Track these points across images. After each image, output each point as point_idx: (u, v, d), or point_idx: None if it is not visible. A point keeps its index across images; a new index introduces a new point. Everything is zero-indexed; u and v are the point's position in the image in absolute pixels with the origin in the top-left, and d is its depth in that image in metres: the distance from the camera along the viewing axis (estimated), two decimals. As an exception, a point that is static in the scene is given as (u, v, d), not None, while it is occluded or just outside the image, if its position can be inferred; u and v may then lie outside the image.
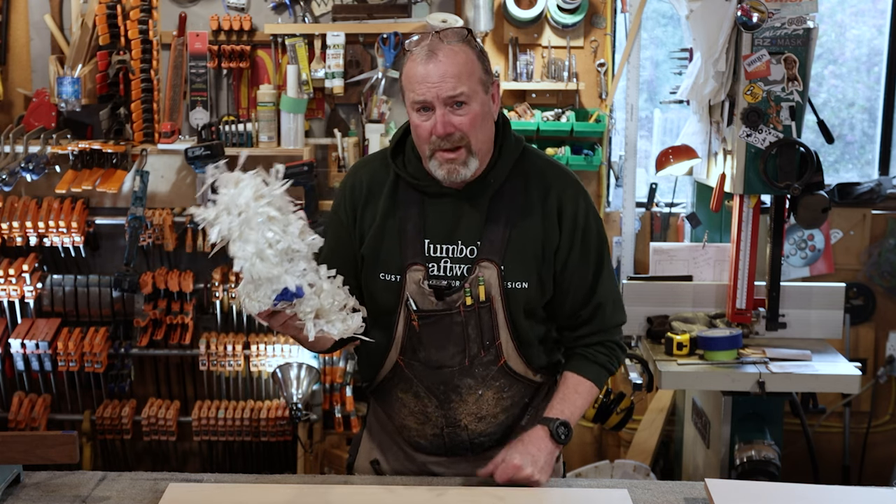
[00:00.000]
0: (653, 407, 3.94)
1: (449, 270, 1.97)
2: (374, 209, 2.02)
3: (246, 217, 1.65)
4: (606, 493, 1.92)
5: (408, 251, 1.97)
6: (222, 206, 1.67)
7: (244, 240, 1.66)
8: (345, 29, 3.72)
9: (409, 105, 1.91)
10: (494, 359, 1.99)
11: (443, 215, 1.98)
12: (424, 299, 1.96)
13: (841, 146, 4.17)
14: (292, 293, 1.69)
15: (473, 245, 1.96)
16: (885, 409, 4.01)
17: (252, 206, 1.65)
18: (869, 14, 4.11)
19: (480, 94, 1.91)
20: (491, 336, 1.97)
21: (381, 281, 1.99)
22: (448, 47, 1.88)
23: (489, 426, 2.05)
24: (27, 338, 3.71)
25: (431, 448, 2.08)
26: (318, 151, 3.86)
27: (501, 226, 1.96)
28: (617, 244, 3.87)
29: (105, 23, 3.64)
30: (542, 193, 2.00)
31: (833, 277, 3.64)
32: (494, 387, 2.01)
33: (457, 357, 1.98)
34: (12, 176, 3.57)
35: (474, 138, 1.90)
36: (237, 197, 1.66)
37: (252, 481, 1.97)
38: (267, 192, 1.68)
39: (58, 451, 1.85)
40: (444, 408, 2.02)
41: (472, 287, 1.95)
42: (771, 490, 1.97)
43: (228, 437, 3.80)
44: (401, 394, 2.05)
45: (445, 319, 1.96)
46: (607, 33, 3.82)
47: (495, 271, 1.95)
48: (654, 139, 4.06)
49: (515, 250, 1.96)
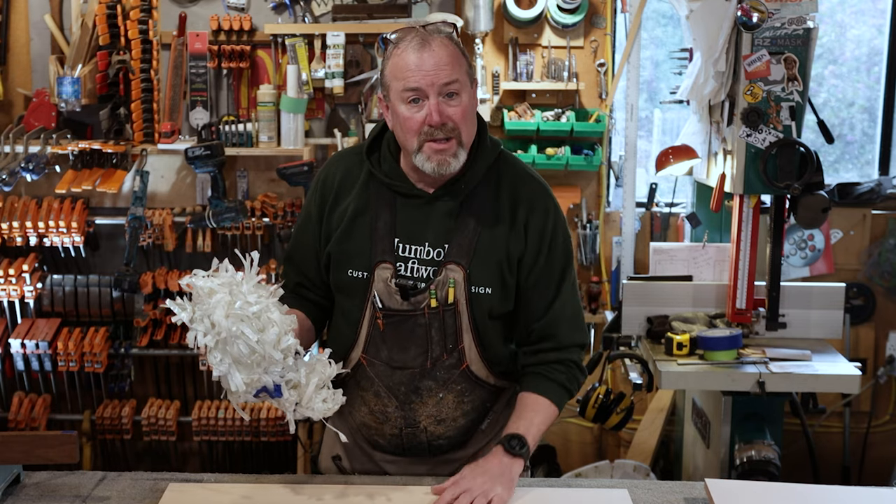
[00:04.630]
0: (653, 407, 3.94)
1: (416, 271, 1.96)
2: (344, 205, 2.01)
3: (218, 332, 1.65)
4: (606, 493, 1.92)
5: (377, 249, 1.96)
6: (197, 315, 1.67)
7: (221, 352, 1.66)
8: (345, 29, 3.72)
9: (397, 96, 1.88)
10: (457, 362, 1.98)
11: (413, 216, 1.97)
12: (391, 298, 1.95)
13: (841, 146, 4.17)
14: (271, 392, 1.72)
15: (441, 247, 1.95)
16: (885, 409, 4.01)
17: (224, 325, 1.64)
18: (869, 14, 4.11)
19: (469, 88, 1.91)
20: (454, 339, 1.97)
21: (349, 277, 1.98)
22: (438, 39, 1.87)
23: (448, 429, 2.04)
24: (27, 338, 3.71)
25: (389, 447, 2.08)
26: (318, 151, 3.86)
27: (470, 229, 1.95)
28: (617, 244, 3.88)
29: (105, 23, 3.64)
30: (511, 202, 1.98)
31: (833, 277, 3.64)
32: (455, 390, 2.00)
33: (419, 359, 1.97)
34: (12, 176, 3.57)
35: (465, 131, 1.90)
36: (210, 311, 1.66)
37: (252, 481, 1.96)
38: (238, 307, 1.67)
39: (58, 451, 1.85)
40: (404, 408, 2.01)
41: (437, 289, 1.94)
42: (771, 490, 1.97)
43: (228, 437, 3.81)
44: (361, 392, 2.04)
45: (410, 320, 1.96)
46: (607, 33, 3.83)
47: (461, 274, 1.94)
48: (653, 139, 4.06)
49: (482, 255, 1.95)
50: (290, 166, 3.61)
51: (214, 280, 1.71)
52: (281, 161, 3.70)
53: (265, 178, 3.90)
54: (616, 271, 3.87)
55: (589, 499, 1.91)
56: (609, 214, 3.93)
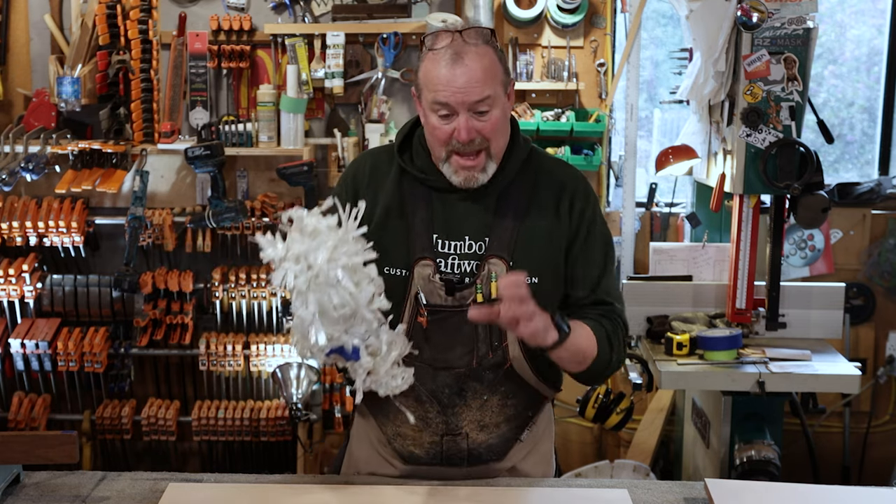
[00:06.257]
0: (653, 407, 3.94)
1: (457, 267, 1.93)
2: (377, 201, 1.96)
3: (315, 275, 1.56)
4: (606, 493, 1.92)
5: (416, 246, 1.92)
6: (292, 253, 1.58)
7: (308, 297, 1.57)
8: (345, 29, 3.72)
9: (428, 105, 1.86)
10: (501, 361, 1.94)
11: (451, 211, 1.94)
12: (434, 294, 1.91)
13: (841, 146, 4.17)
14: (348, 354, 1.64)
15: (482, 241, 1.93)
16: (884, 409, 4.01)
17: (325, 268, 1.56)
18: (869, 14, 4.11)
19: (501, 98, 1.88)
20: (499, 336, 1.92)
21: (386, 275, 1.90)
22: (474, 50, 1.83)
23: (490, 436, 1.99)
24: (27, 338, 3.71)
25: (426, 458, 2.01)
26: (317, 151, 3.86)
27: (510, 222, 1.93)
28: (617, 244, 3.87)
29: (105, 23, 3.64)
30: (554, 190, 1.98)
31: (833, 277, 3.64)
32: (500, 392, 1.96)
33: (465, 358, 1.92)
34: (12, 176, 3.57)
35: (495, 143, 1.88)
36: (311, 252, 1.57)
37: (252, 481, 1.96)
38: (344, 252, 1.58)
39: (58, 451, 1.85)
40: (447, 413, 1.96)
41: (483, 284, 1.90)
42: (771, 490, 1.97)
43: (228, 437, 3.80)
44: (400, 397, 1.94)
45: (455, 317, 1.90)
46: (607, 33, 3.82)
47: (504, 268, 1.90)
48: (653, 139, 4.06)
49: (524, 246, 1.92)
50: (289, 166, 3.61)
51: (323, 220, 1.61)
52: (281, 161, 3.70)
53: (265, 178, 3.90)
54: (616, 271, 3.87)
55: (589, 499, 1.90)
56: (609, 214, 3.93)
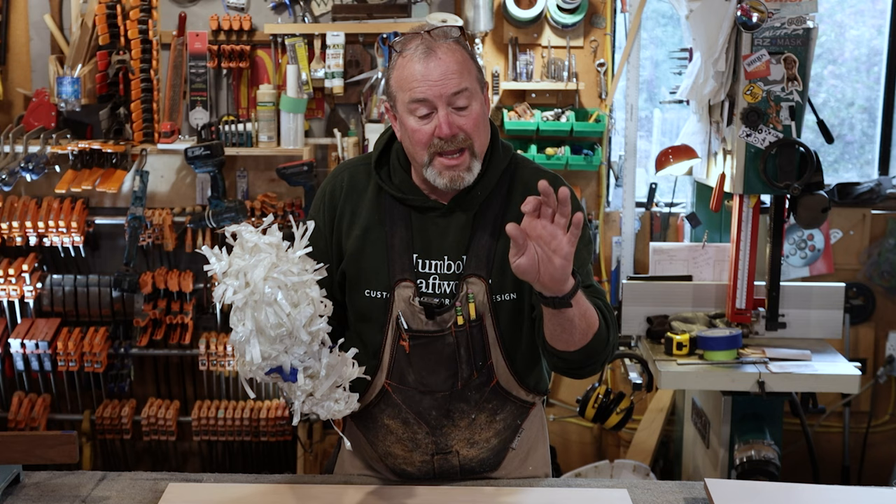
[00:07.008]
0: (652, 407, 3.94)
1: (437, 287, 1.87)
2: (356, 220, 1.92)
3: (251, 292, 1.55)
4: (606, 493, 1.92)
5: (395, 266, 1.87)
6: (233, 269, 1.57)
7: (246, 314, 1.56)
8: (345, 29, 3.72)
9: (404, 108, 1.80)
10: (487, 380, 1.90)
11: (430, 229, 1.89)
12: (414, 318, 1.86)
13: (841, 146, 4.17)
14: (286, 375, 1.61)
15: (460, 260, 1.87)
16: (884, 409, 4.01)
17: (260, 287, 1.54)
18: (869, 14, 4.11)
19: (479, 94, 1.82)
20: (483, 356, 1.88)
21: (367, 298, 1.88)
22: (445, 45, 1.78)
23: (481, 451, 1.96)
24: (27, 338, 3.71)
25: (419, 475, 1.98)
26: (317, 151, 3.86)
27: (487, 238, 1.87)
28: (617, 244, 3.88)
29: (105, 23, 3.64)
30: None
31: (833, 277, 3.64)
32: (487, 409, 1.93)
33: (448, 381, 1.88)
34: (12, 176, 3.57)
35: (477, 140, 1.81)
36: (249, 269, 1.56)
37: (252, 481, 1.96)
38: (280, 270, 1.56)
39: (57, 451, 1.85)
40: (435, 434, 1.92)
41: (462, 305, 1.85)
42: (771, 490, 1.97)
43: (228, 437, 3.80)
44: (388, 420, 1.93)
45: (437, 341, 1.86)
46: (607, 33, 3.83)
47: (483, 286, 1.86)
48: (653, 139, 4.06)
49: (502, 262, 1.83)
50: (289, 166, 3.61)
51: (263, 238, 1.60)
52: (281, 161, 3.70)
53: (265, 178, 3.90)
54: (616, 271, 3.87)
55: (589, 499, 1.90)
56: (609, 214, 3.93)
